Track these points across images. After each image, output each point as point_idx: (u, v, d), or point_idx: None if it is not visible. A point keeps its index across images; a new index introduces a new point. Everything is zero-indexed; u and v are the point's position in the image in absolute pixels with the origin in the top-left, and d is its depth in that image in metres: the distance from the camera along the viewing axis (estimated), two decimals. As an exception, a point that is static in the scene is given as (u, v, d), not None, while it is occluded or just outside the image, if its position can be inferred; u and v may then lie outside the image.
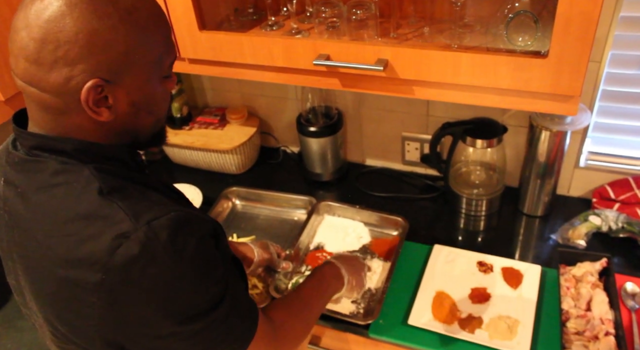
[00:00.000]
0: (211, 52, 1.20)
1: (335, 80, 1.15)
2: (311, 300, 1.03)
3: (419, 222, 1.47)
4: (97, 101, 0.71)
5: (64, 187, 0.72)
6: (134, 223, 0.68)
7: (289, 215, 1.59)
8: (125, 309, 0.70)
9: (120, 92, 0.72)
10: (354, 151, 1.73)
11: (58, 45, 0.66)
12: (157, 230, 0.68)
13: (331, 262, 1.14)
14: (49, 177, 0.72)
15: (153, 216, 0.69)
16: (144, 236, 0.67)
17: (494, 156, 1.47)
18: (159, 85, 0.78)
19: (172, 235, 0.69)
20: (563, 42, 0.90)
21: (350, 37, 1.15)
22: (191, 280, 0.72)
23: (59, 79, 0.68)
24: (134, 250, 0.67)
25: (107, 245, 0.67)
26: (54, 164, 0.73)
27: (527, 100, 1.02)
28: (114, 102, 0.72)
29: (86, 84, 0.68)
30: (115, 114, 0.73)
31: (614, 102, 1.31)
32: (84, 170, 0.72)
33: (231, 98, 1.81)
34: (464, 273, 1.29)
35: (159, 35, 0.74)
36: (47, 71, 0.68)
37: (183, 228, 0.71)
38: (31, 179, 0.74)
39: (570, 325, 1.13)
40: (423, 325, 1.18)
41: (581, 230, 1.35)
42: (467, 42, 1.09)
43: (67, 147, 0.73)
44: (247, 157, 1.72)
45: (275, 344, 0.87)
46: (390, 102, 1.56)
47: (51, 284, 0.72)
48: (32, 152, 0.74)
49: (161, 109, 0.81)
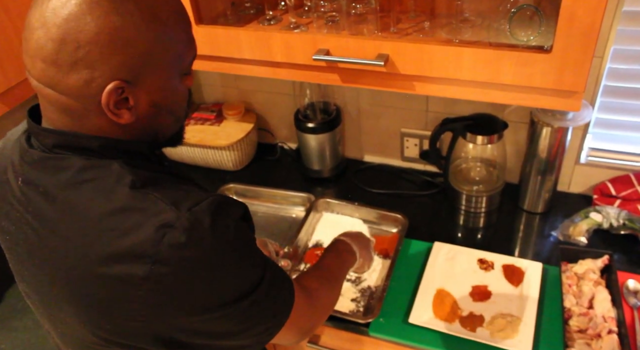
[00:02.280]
0: (208, 47, 1.18)
1: (335, 75, 1.13)
2: (335, 270, 1.04)
3: (418, 219, 1.46)
4: (117, 103, 0.68)
5: (93, 183, 0.70)
6: (175, 211, 0.67)
7: (287, 213, 1.57)
8: (175, 298, 0.68)
9: (141, 92, 0.70)
10: (353, 147, 1.71)
11: (78, 46, 0.64)
12: (199, 216, 0.68)
13: (341, 239, 1.14)
14: (76, 174, 0.70)
15: (193, 203, 0.69)
16: (188, 223, 0.67)
17: (494, 152, 1.45)
18: (180, 84, 0.76)
19: (214, 220, 0.69)
20: (567, 37, 0.88)
21: (350, 31, 1.13)
22: (236, 261, 0.72)
23: (79, 81, 0.66)
24: (180, 238, 0.66)
25: (151, 237, 0.66)
26: (79, 161, 0.71)
27: (529, 96, 1.00)
28: (135, 103, 0.70)
29: (107, 86, 0.66)
30: (136, 115, 0.71)
31: (616, 98, 1.30)
32: (113, 165, 0.71)
33: (228, 94, 1.78)
34: (465, 271, 1.28)
35: (181, 32, 0.72)
36: (66, 73, 0.65)
37: (222, 212, 0.71)
38: (55, 176, 0.71)
39: (573, 323, 1.12)
40: (424, 324, 1.16)
41: (582, 227, 1.34)
42: (468, 37, 1.07)
43: (92, 145, 0.71)
44: (244, 153, 1.70)
45: (312, 311, 0.89)
46: (389, 98, 1.54)
47: (90, 284, 0.69)
48: (53, 150, 0.72)
49: (181, 108, 0.80)
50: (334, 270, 1.04)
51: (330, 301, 0.98)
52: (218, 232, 0.69)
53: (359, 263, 1.14)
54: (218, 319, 0.72)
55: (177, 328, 0.72)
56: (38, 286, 0.77)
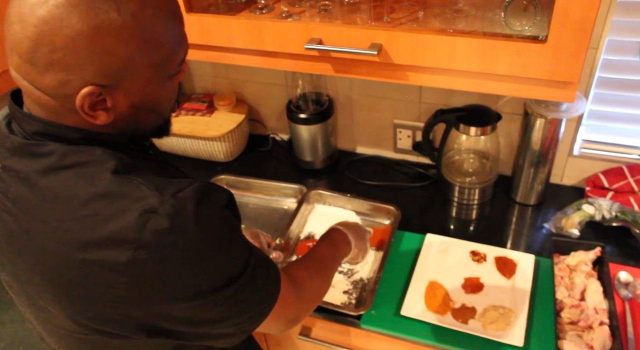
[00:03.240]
0: (199, 35, 1.16)
1: (328, 65, 1.11)
2: (327, 260, 1.03)
3: (411, 211, 1.45)
4: (93, 104, 0.67)
5: (76, 169, 0.68)
6: (159, 197, 0.66)
7: (279, 204, 1.56)
8: (158, 285, 0.68)
9: (119, 95, 0.68)
10: (345, 139, 1.70)
11: (53, 49, 0.62)
12: (183, 202, 0.67)
13: (337, 228, 1.13)
14: (58, 159, 0.69)
15: (177, 188, 0.68)
16: (172, 209, 0.66)
17: (488, 144, 1.44)
18: (165, 84, 0.73)
19: (198, 206, 0.68)
20: (562, 27, 0.87)
21: (343, 21, 1.11)
22: (220, 249, 0.71)
23: (54, 82, 0.64)
24: (164, 223, 0.65)
25: (134, 222, 0.65)
26: (61, 147, 0.69)
27: (524, 87, 0.99)
28: (112, 105, 0.68)
29: (81, 90, 0.64)
30: (114, 115, 0.70)
31: (610, 90, 1.29)
32: (95, 150, 0.70)
33: (219, 84, 1.76)
34: (457, 263, 1.28)
35: (167, 35, 0.69)
36: (42, 72, 0.64)
37: (206, 198, 0.70)
38: (36, 162, 0.69)
39: (565, 315, 1.12)
40: (416, 316, 1.16)
41: (574, 219, 1.33)
42: (462, 27, 1.06)
43: (73, 136, 0.70)
44: (236, 144, 1.69)
45: (298, 301, 0.88)
46: (382, 89, 1.53)
47: (71, 271, 0.68)
48: (34, 137, 0.70)
49: (165, 107, 0.77)
50: (326, 259, 1.03)
51: (319, 292, 0.97)
52: (202, 219, 0.68)
53: (353, 253, 1.13)
54: (201, 307, 0.72)
55: (159, 315, 0.71)
56: (18, 274, 0.76)
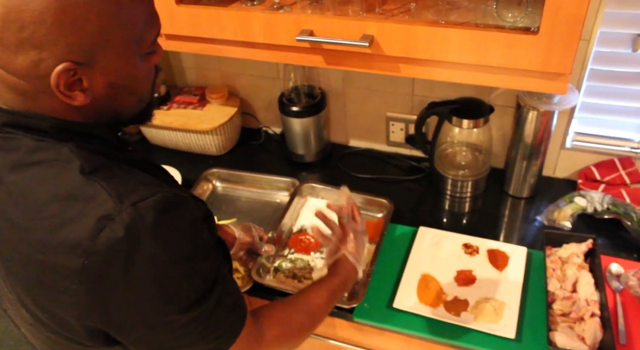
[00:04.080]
0: (189, 27, 1.15)
1: (319, 57, 1.10)
2: (318, 308, 0.94)
3: (404, 204, 1.45)
4: (69, 85, 0.65)
5: (41, 166, 0.67)
6: (118, 204, 0.64)
7: (271, 197, 1.55)
8: (108, 296, 0.66)
9: (96, 74, 0.66)
10: (338, 132, 1.69)
11: (22, 26, 0.60)
12: (142, 212, 0.64)
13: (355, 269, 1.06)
14: (24, 155, 0.67)
15: (139, 197, 0.65)
16: (129, 218, 0.63)
17: (480, 137, 1.44)
18: (141, 63, 0.71)
19: (159, 218, 0.65)
20: (554, 18, 0.87)
21: (335, 12, 1.10)
22: (177, 267, 0.67)
23: (26, 62, 0.62)
24: (118, 233, 0.63)
25: (89, 228, 0.63)
26: (29, 142, 0.68)
27: (516, 78, 0.99)
28: (89, 84, 0.67)
29: (56, 68, 0.63)
30: (92, 96, 0.68)
31: (602, 82, 1.29)
32: (63, 148, 0.68)
33: (211, 77, 1.75)
34: (450, 255, 1.28)
35: (139, 9, 0.68)
36: (13, 53, 0.62)
37: (170, 210, 0.67)
38: (4, 157, 0.68)
39: (556, 307, 1.12)
40: (408, 309, 1.16)
41: (567, 212, 1.34)
42: (455, 18, 1.05)
43: (43, 125, 0.68)
44: (228, 138, 1.68)
45: None
46: (374, 81, 1.52)
47: (29, 270, 0.68)
48: (3, 129, 0.69)
49: (143, 88, 0.75)
50: (317, 315, 0.94)
51: (290, 344, 0.89)
52: (160, 232, 0.65)
53: None
54: (151, 328, 0.69)
55: (110, 326, 0.69)
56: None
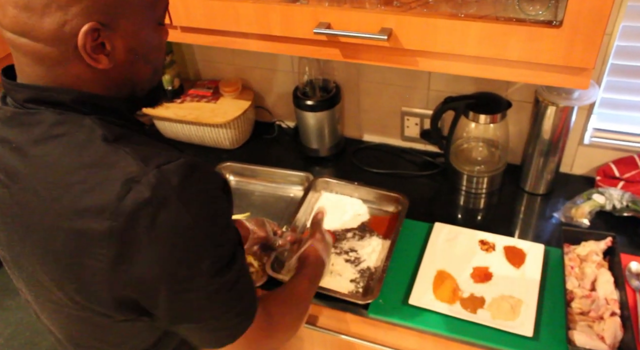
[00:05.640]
0: (204, 19, 1.14)
1: (336, 50, 1.09)
2: (305, 294, 1.01)
3: (418, 199, 1.43)
4: (94, 48, 0.68)
5: (65, 138, 0.69)
6: (143, 167, 0.66)
7: (285, 192, 1.54)
8: (135, 258, 0.66)
9: (117, 37, 0.69)
10: (352, 126, 1.68)
11: None
12: (168, 174, 0.66)
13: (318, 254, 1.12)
14: (48, 128, 0.69)
15: (163, 160, 0.67)
16: (155, 180, 0.65)
17: (497, 132, 1.42)
18: (154, 32, 0.75)
19: (184, 181, 0.66)
20: (578, 11, 0.85)
21: (352, 5, 1.09)
22: (203, 230, 0.69)
23: (53, 24, 0.65)
24: (144, 194, 0.64)
25: (116, 191, 0.64)
26: (52, 116, 0.69)
27: (536, 73, 0.97)
28: (111, 48, 0.69)
29: (82, 28, 0.65)
30: (114, 61, 0.71)
31: (623, 77, 1.26)
32: (85, 119, 0.70)
33: (224, 70, 1.74)
34: (466, 252, 1.26)
35: None
36: (39, 17, 0.64)
37: (194, 175, 0.68)
38: (27, 132, 0.70)
39: (575, 306, 1.10)
40: (424, 305, 1.15)
41: (584, 209, 1.31)
42: (474, 11, 1.04)
43: (65, 98, 0.70)
44: (241, 131, 1.67)
45: (268, 338, 0.85)
46: (389, 75, 1.50)
47: (57, 240, 0.68)
48: (26, 105, 0.71)
49: (158, 58, 0.79)
50: (304, 294, 1.01)
51: (292, 327, 0.95)
52: (186, 194, 0.66)
53: None
54: (176, 294, 0.70)
55: (139, 292, 0.70)
56: (11, 245, 0.76)
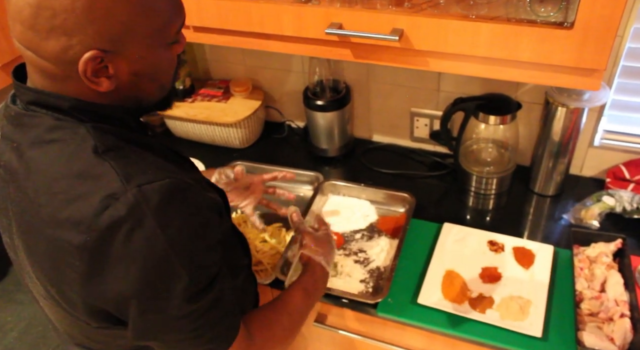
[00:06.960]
0: (217, 19, 1.15)
1: (347, 51, 1.10)
2: (298, 306, 0.96)
3: (427, 200, 1.44)
4: (96, 71, 0.67)
5: (58, 144, 0.69)
6: (124, 185, 0.65)
7: (295, 191, 1.55)
8: (106, 275, 0.67)
9: (121, 61, 0.69)
10: (361, 127, 1.69)
11: (54, 14, 0.63)
12: (147, 194, 0.66)
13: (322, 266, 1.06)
14: (44, 132, 0.70)
15: (146, 180, 0.67)
16: (133, 199, 0.65)
17: (507, 133, 1.42)
18: (164, 53, 0.74)
19: (164, 203, 0.66)
20: (590, 13, 0.85)
21: (363, 5, 1.09)
22: (176, 253, 0.67)
23: (56, 48, 0.65)
24: (120, 212, 0.64)
25: (94, 206, 0.65)
26: (49, 120, 0.70)
27: (547, 74, 0.98)
28: (114, 72, 0.69)
29: (84, 55, 0.65)
30: (116, 83, 0.70)
31: (634, 79, 1.26)
32: (80, 128, 0.70)
33: (235, 70, 1.75)
34: (475, 252, 1.26)
35: (165, 1, 0.70)
36: (44, 39, 0.65)
37: (176, 196, 0.68)
38: (26, 133, 0.71)
39: (584, 307, 1.10)
40: (433, 305, 1.15)
41: (594, 211, 1.31)
42: (485, 12, 1.04)
43: (63, 104, 0.70)
44: (252, 131, 1.68)
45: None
46: (399, 76, 1.51)
47: (41, 244, 0.70)
48: (29, 107, 0.72)
49: (166, 76, 0.78)
50: (298, 316, 0.95)
51: (279, 346, 0.90)
52: (163, 215, 0.66)
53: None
54: (143, 314, 0.70)
55: (109, 305, 0.70)
56: (10, 237, 0.78)
